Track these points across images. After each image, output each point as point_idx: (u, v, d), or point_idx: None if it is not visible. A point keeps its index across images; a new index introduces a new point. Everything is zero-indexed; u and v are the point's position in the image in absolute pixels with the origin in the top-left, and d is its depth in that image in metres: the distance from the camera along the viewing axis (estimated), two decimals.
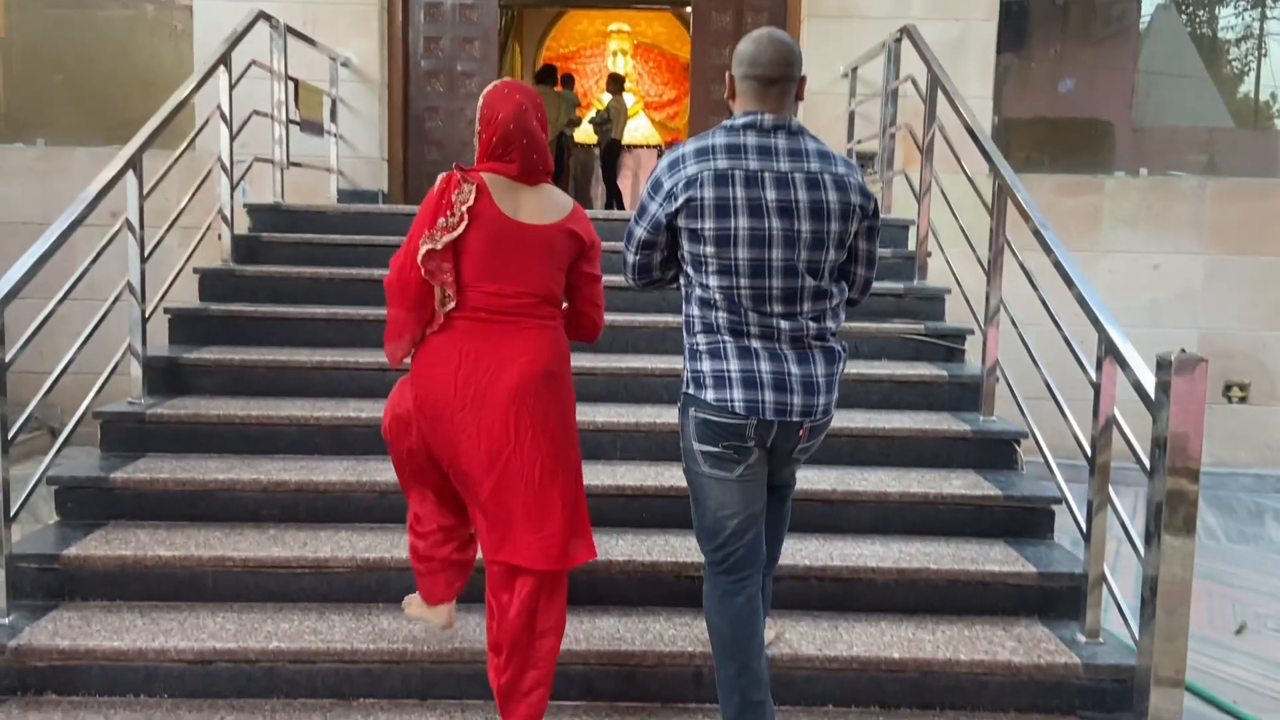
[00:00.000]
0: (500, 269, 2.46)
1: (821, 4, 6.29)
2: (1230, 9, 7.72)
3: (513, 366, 2.45)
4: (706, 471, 2.39)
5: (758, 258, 2.29)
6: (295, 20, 5.87)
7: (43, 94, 6.83)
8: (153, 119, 3.92)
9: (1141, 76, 7.39)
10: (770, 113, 2.34)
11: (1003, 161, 3.85)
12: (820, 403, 2.36)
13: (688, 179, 2.31)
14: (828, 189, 2.31)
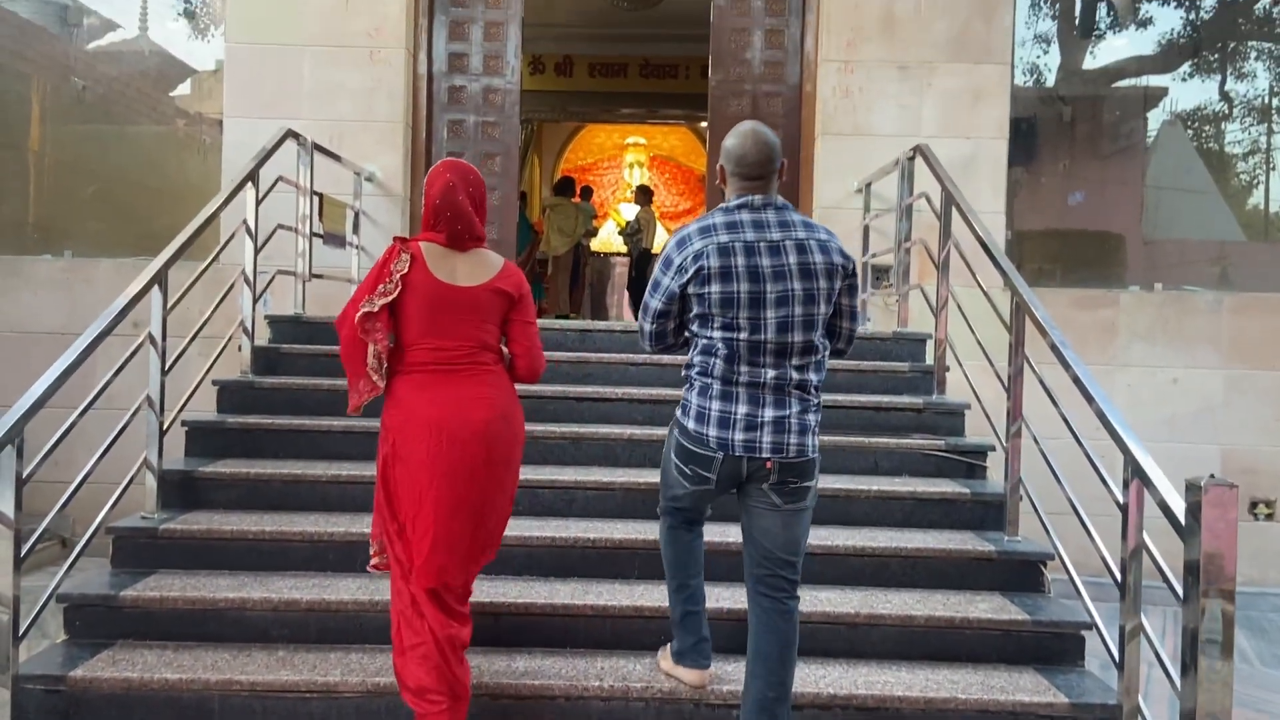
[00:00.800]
0: (439, 326, 2.83)
1: (835, 122, 6.43)
2: (1236, 124, 7.85)
3: (478, 408, 2.81)
4: (674, 472, 2.84)
5: (755, 317, 2.65)
6: (322, 137, 6.03)
7: (72, 206, 7.00)
8: (180, 235, 4.00)
9: (1150, 191, 7.48)
10: (759, 195, 2.75)
11: (1020, 279, 3.87)
12: (791, 442, 2.66)
13: (695, 253, 2.68)
14: (813, 252, 2.68)
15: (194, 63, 7.27)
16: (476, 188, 2.95)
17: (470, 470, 2.79)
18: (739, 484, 2.74)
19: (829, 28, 6.43)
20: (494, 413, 2.84)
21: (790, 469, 2.67)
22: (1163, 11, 7.42)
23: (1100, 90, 7.48)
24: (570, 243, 9.89)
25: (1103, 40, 7.49)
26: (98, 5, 7.16)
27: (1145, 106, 7.64)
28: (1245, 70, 7.70)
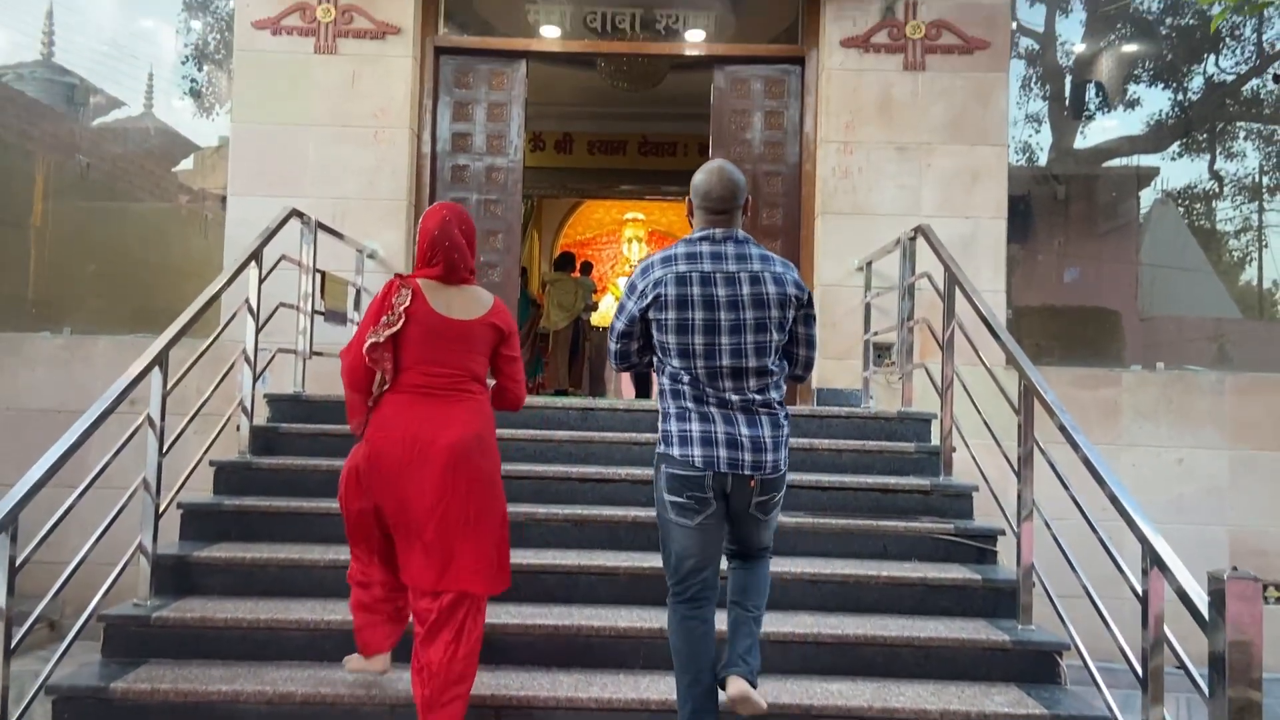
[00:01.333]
0: (433, 354, 3.09)
1: (835, 201, 6.48)
2: (1227, 202, 7.92)
3: (450, 430, 3.02)
4: (673, 518, 2.87)
5: (710, 343, 2.82)
6: (325, 214, 6.06)
7: (73, 282, 7.00)
8: (182, 315, 3.97)
9: (1145, 268, 7.52)
10: (722, 229, 2.91)
11: (1028, 362, 3.85)
12: (768, 459, 2.84)
13: (655, 280, 2.87)
14: (767, 283, 2.84)
15: (197, 139, 7.34)
16: (467, 226, 3.25)
17: (437, 484, 3.00)
18: (728, 505, 2.88)
19: (828, 110, 6.53)
20: (467, 432, 3.06)
21: (770, 485, 2.87)
22: (1151, 93, 7.55)
23: (1093, 169, 7.58)
24: (570, 317, 9.90)
25: (1093, 121, 7.60)
26: (104, 83, 7.26)
27: (1138, 185, 7.72)
28: (1234, 150, 7.81)
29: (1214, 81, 7.55)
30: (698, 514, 2.84)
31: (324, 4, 6.54)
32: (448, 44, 6.85)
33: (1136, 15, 7.28)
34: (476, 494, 3.04)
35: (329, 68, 6.53)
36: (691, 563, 2.87)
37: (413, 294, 3.09)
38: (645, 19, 7.01)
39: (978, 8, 6.52)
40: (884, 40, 6.52)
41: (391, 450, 3.01)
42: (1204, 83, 7.53)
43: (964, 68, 6.50)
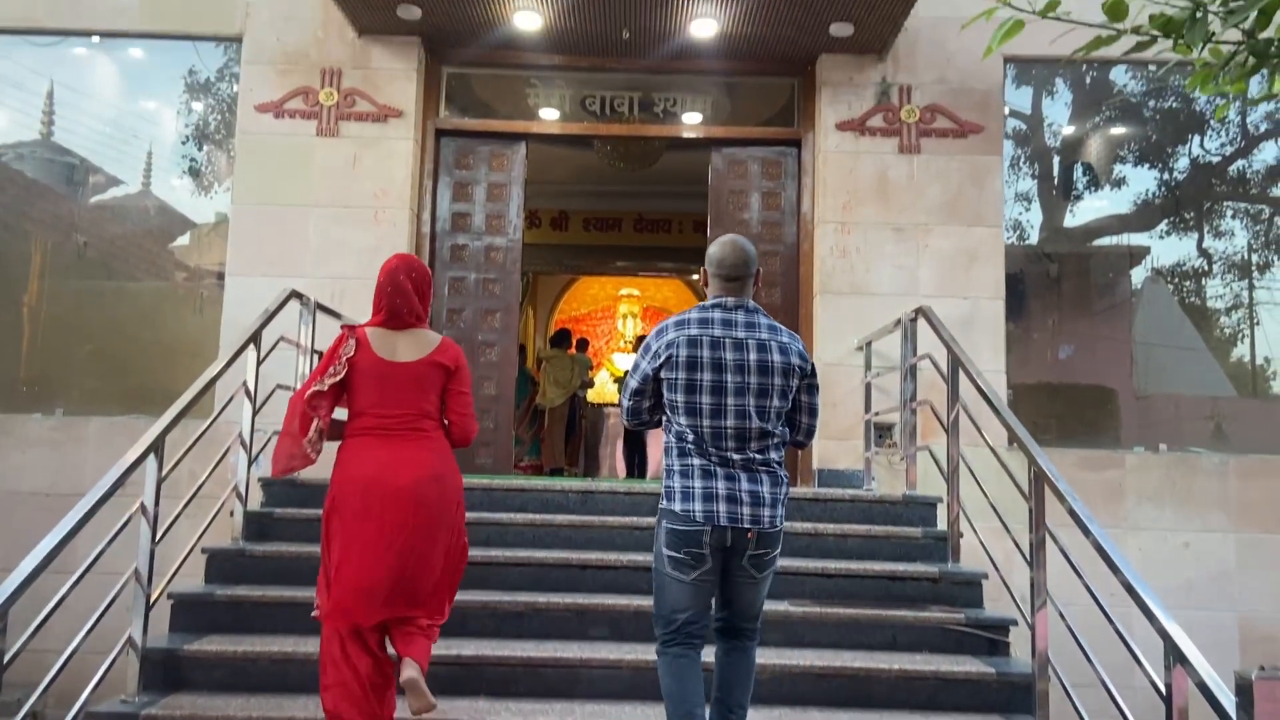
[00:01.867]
0: (384, 397, 3.26)
1: (833, 281, 6.50)
2: (1217, 280, 7.97)
3: (409, 469, 3.19)
4: (669, 572, 3.01)
5: (716, 403, 2.99)
6: (324, 294, 6.04)
7: (67, 362, 6.93)
8: (179, 401, 3.92)
9: (1139, 346, 7.53)
10: (733, 297, 3.10)
11: (1038, 448, 3.82)
12: (766, 515, 2.98)
13: (668, 342, 3.05)
14: (773, 352, 3.02)
15: (195, 216, 7.35)
16: (418, 273, 3.43)
17: (395, 525, 3.15)
18: (725, 561, 3.00)
19: (825, 191, 6.59)
20: (424, 473, 3.22)
21: (766, 539, 3.00)
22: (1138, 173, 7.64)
23: (1084, 248, 7.63)
24: (566, 394, 9.85)
25: (1081, 200, 7.69)
26: (104, 162, 7.29)
27: (1130, 263, 7.78)
28: (1222, 228, 7.88)
29: (1199, 162, 7.66)
30: (694, 570, 2.98)
31: (327, 88, 6.61)
32: (449, 126, 6.92)
33: (1121, 97, 7.41)
34: (428, 532, 3.21)
35: (330, 150, 6.58)
36: (684, 616, 3.01)
37: (358, 343, 3.30)
38: (643, 102, 7.10)
39: (970, 93, 6.63)
40: (879, 124, 6.62)
41: (352, 491, 3.18)
42: (1190, 163, 7.63)
43: (958, 151, 6.59)
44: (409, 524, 3.15)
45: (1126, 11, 2.38)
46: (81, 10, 6.71)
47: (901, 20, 6.18)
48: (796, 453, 6.64)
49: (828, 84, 6.67)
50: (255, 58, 6.66)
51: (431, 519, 3.21)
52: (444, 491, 3.26)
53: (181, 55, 6.98)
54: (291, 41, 6.67)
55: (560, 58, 6.91)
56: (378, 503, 3.13)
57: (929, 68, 6.67)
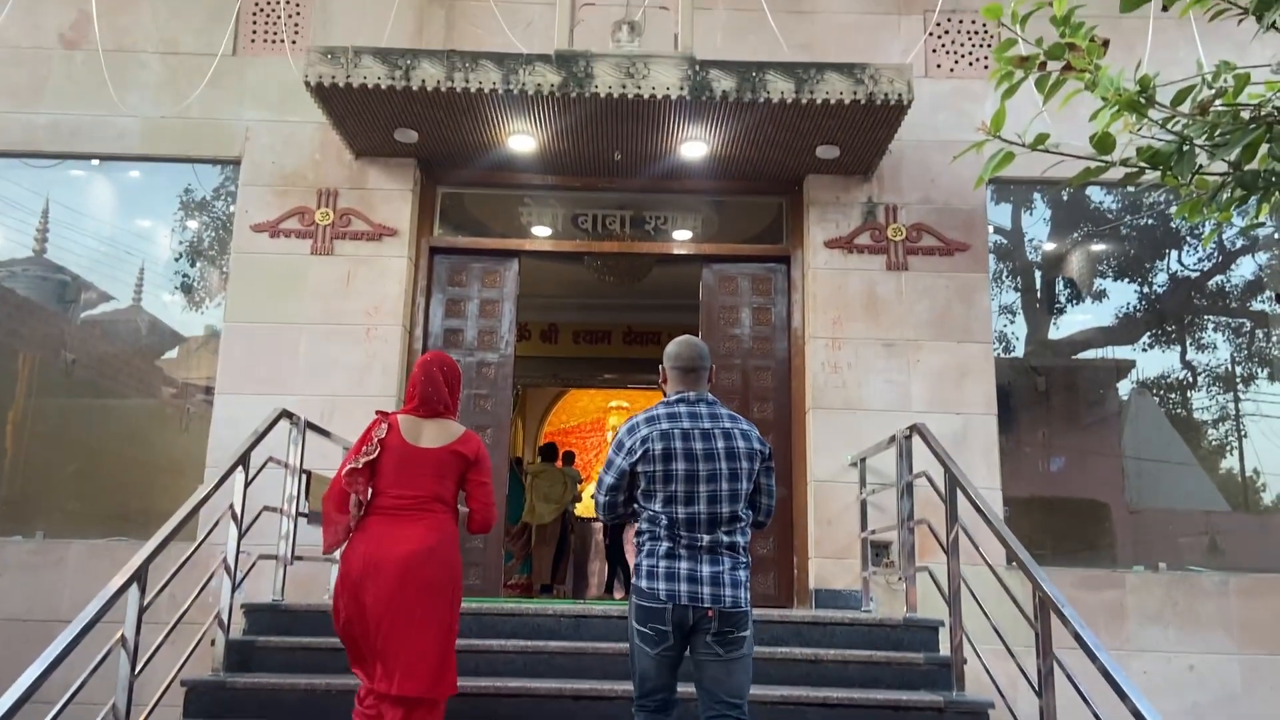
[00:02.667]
0: (402, 479, 3.58)
1: (825, 396, 6.50)
2: (1203, 392, 7.99)
3: (406, 544, 3.45)
4: (638, 644, 3.26)
5: (690, 490, 3.25)
6: (314, 412, 5.99)
7: (49, 483, 6.81)
8: (163, 528, 3.84)
9: (1129, 460, 7.50)
10: (693, 390, 3.43)
11: (1041, 574, 3.75)
12: (726, 594, 3.18)
13: (643, 438, 3.30)
14: (737, 439, 3.33)
15: (185, 330, 7.35)
16: (450, 369, 3.81)
17: (387, 594, 3.42)
18: (688, 636, 3.21)
19: (815, 307, 6.65)
20: (418, 547, 3.47)
21: (728, 619, 3.17)
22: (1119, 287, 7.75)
23: (1070, 361, 7.68)
24: (558, 510, 9.70)
25: (1064, 314, 7.77)
26: (96, 279, 7.32)
27: (1116, 376, 7.82)
28: (1205, 341, 7.95)
29: (1179, 277, 7.78)
30: (658, 645, 3.22)
31: (323, 208, 6.71)
32: (442, 244, 7.00)
33: (1099, 213, 7.57)
34: (423, 601, 3.43)
35: (325, 268, 6.63)
36: (651, 684, 3.28)
37: (389, 427, 3.66)
38: (634, 219, 7.22)
39: (955, 212, 6.77)
40: (867, 241, 6.73)
41: (355, 566, 3.48)
42: (1169, 278, 7.75)
43: (945, 268, 6.68)
44: (398, 594, 3.41)
45: (1114, 144, 2.43)
46: (83, 135, 6.83)
47: (885, 144, 6.35)
48: (793, 572, 6.53)
49: (815, 203, 6.81)
50: (253, 179, 6.77)
51: (428, 595, 3.45)
52: (437, 561, 3.51)
53: (178, 175, 7.09)
54: (290, 164, 6.79)
55: (553, 178, 7.05)
56: (373, 573, 3.43)
57: (913, 187, 6.82)
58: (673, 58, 5.85)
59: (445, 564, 3.54)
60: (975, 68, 7.03)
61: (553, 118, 6.14)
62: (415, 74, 5.74)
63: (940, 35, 7.08)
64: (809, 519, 6.40)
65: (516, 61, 5.80)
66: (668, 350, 3.51)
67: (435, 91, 5.78)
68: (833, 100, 5.77)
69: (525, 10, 7.02)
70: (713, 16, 6.91)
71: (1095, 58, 2.38)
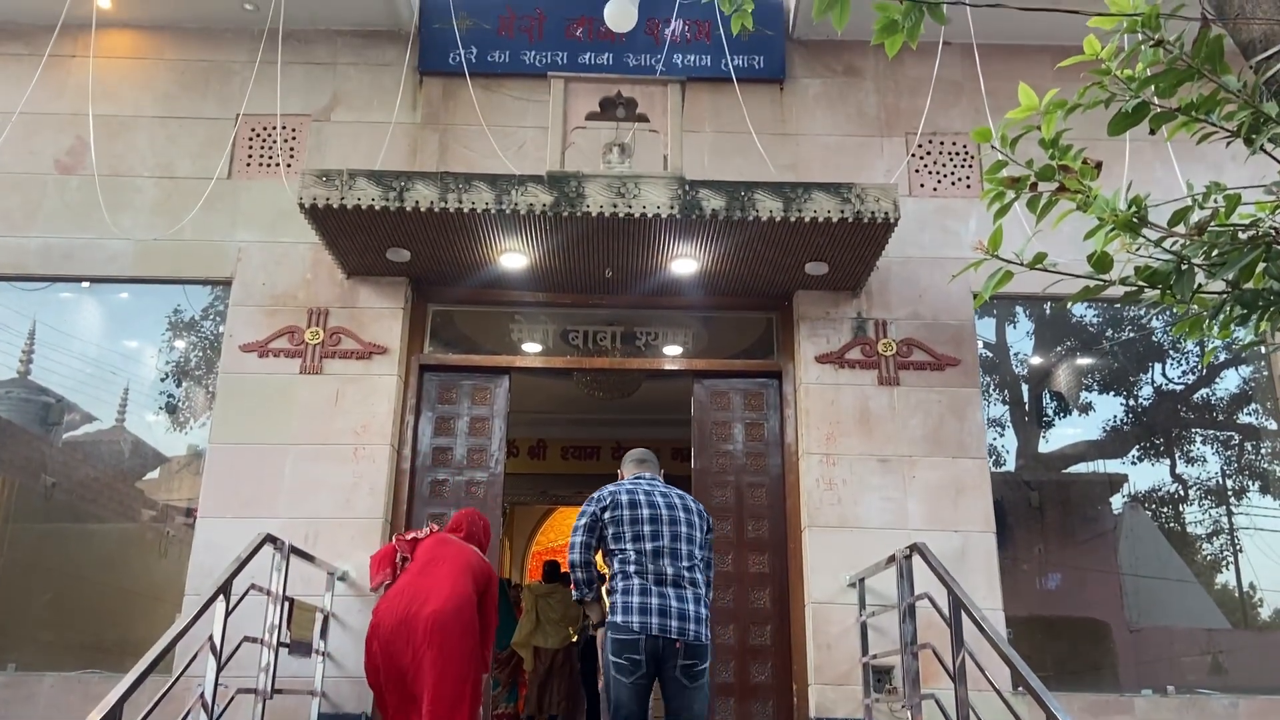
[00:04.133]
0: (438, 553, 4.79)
1: (821, 514, 6.39)
2: (1195, 506, 7.91)
3: (435, 600, 4.25)
4: (613, 675, 3.72)
5: (655, 529, 3.92)
6: (297, 536, 5.86)
7: (23, 612, 6.55)
8: (137, 665, 3.65)
9: (1127, 578, 7.38)
10: (649, 474, 4.32)
11: (1055, 702, 3.60)
12: (691, 628, 3.78)
13: (609, 492, 4.10)
14: (689, 502, 4.19)
15: (168, 450, 7.23)
16: (485, 525, 5.24)
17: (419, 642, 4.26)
18: (659, 668, 3.74)
19: (808, 422, 6.60)
20: (447, 604, 4.42)
21: (692, 651, 3.77)
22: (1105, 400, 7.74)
23: (1062, 475, 7.62)
24: (567, 633, 9.33)
25: (1053, 427, 7.74)
26: (80, 399, 7.23)
27: (1110, 490, 7.75)
28: (1194, 454, 7.91)
29: (1163, 390, 7.79)
30: (632, 674, 3.70)
31: (313, 327, 6.69)
32: (432, 361, 6.97)
33: (1081, 327, 7.63)
34: (445, 652, 4.13)
35: (313, 387, 6.58)
36: (625, 710, 3.73)
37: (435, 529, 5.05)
38: (625, 335, 7.23)
39: (944, 327, 6.81)
40: (858, 356, 6.74)
41: (388, 619, 4.34)
42: (1154, 391, 7.75)
43: (937, 383, 6.68)
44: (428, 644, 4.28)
45: (1112, 264, 2.43)
46: (75, 258, 6.85)
47: (873, 261, 6.43)
48: (792, 700, 6.31)
49: (805, 318, 6.84)
50: (243, 300, 6.77)
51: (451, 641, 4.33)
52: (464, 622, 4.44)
53: (167, 296, 7.09)
54: (280, 284, 6.81)
55: (544, 295, 7.09)
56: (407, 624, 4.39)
57: (902, 303, 6.87)
58: (663, 178, 5.95)
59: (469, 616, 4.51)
60: (958, 186, 7.18)
61: (544, 236, 6.20)
62: (409, 195, 5.81)
63: (922, 156, 7.25)
64: (808, 643, 6.22)
65: (509, 182, 5.89)
66: (625, 456, 4.54)
67: (429, 212, 5.84)
68: (820, 218, 5.85)
69: (518, 134, 7.17)
70: (700, 139, 7.07)
71: (1089, 179, 2.39)
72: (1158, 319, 7.44)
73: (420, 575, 4.40)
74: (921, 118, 7.03)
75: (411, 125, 7.21)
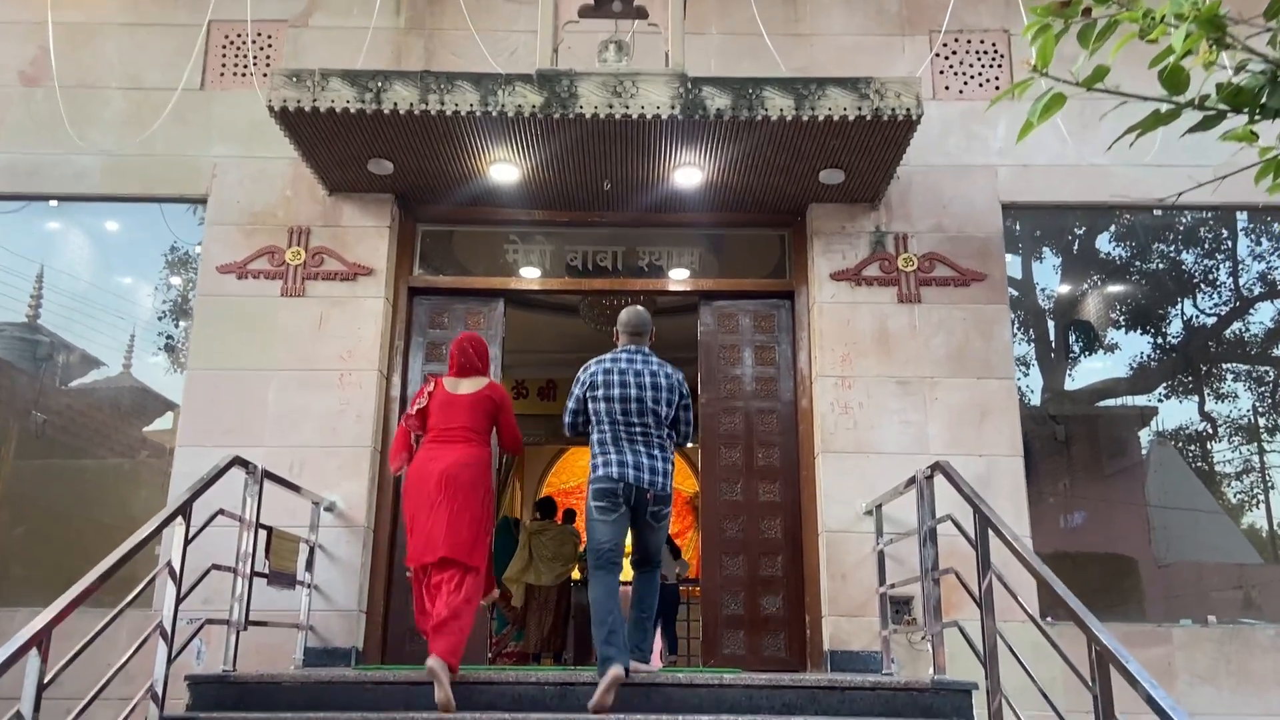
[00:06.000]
0: (445, 417, 4.80)
1: (836, 440, 5.99)
2: (1224, 443, 7.50)
3: (449, 457, 4.64)
4: (596, 517, 4.47)
5: (624, 394, 4.55)
6: (281, 466, 5.53)
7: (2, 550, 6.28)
8: (67, 593, 3.31)
9: (1154, 511, 7.01)
10: (635, 345, 4.78)
11: (1098, 624, 3.20)
12: (660, 480, 4.52)
13: (590, 373, 4.68)
14: (660, 377, 4.64)
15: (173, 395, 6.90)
16: (478, 344, 5.09)
17: (436, 488, 4.56)
18: (633, 513, 4.51)
19: (822, 344, 6.17)
20: (458, 460, 4.64)
21: (659, 499, 4.53)
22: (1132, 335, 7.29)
23: (1089, 409, 7.20)
24: (563, 571, 9.07)
25: (1079, 362, 7.32)
26: (81, 342, 6.90)
27: (1140, 424, 7.33)
28: (1224, 391, 7.49)
29: (1194, 325, 7.31)
30: (610, 513, 4.45)
31: (294, 247, 6.29)
32: (422, 284, 6.56)
33: (1107, 260, 7.17)
34: (460, 497, 4.55)
35: (295, 310, 6.19)
36: (606, 545, 4.45)
37: (436, 385, 4.95)
38: (627, 256, 6.80)
39: (970, 240, 6.33)
40: (876, 273, 6.28)
41: (415, 472, 4.69)
42: (1183, 326, 7.28)
43: (962, 300, 6.22)
44: (446, 490, 4.55)
45: (1187, 81, 1.98)
46: (40, 175, 6.44)
47: (894, 166, 5.94)
48: (805, 632, 5.97)
49: (820, 233, 6.38)
50: (220, 218, 6.37)
51: (463, 487, 4.58)
52: (474, 476, 4.65)
53: (143, 219, 6.70)
54: (259, 201, 6.40)
55: (540, 213, 6.64)
56: (425, 477, 4.62)
57: (924, 215, 6.39)
58: (663, 74, 5.47)
59: (479, 471, 4.70)
60: (986, 88, 6.65)
61: (536, 143, 5.74)
62: (387, 96, 5.35)
63: (948, 56, 6.71)
64: (821, 573, 5.85)
65: (495, 82, 5.42)
66: (619, 317, 4.89)
67: (409, 116, 5.39)
68: (835, 117, 5.36)
69: (509, 39, 6.68)
70: (706, 41, 6.56)
71: None
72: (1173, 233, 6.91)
73: (432, 445, 4.74)
74: (946, 13, 6.48)
75: (395, 31, 6.72)
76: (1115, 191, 6.31)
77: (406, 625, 6.04)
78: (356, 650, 5.74)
